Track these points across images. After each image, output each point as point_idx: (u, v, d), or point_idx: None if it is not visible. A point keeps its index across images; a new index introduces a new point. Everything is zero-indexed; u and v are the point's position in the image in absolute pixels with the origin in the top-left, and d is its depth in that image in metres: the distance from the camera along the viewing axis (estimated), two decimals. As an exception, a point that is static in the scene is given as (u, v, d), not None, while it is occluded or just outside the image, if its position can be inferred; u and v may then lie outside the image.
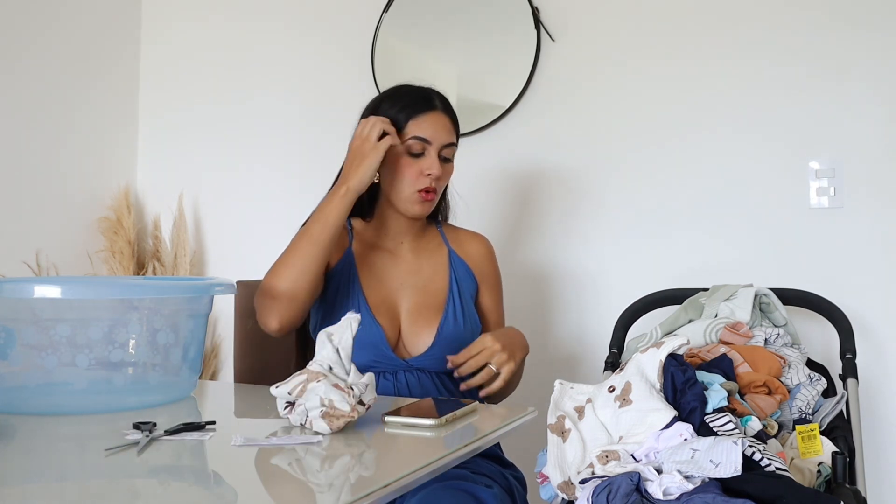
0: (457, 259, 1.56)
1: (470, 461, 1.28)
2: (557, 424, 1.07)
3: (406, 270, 1.51)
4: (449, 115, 1.49)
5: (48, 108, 2.43)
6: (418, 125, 1.44)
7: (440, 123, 1.46)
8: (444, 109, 1.48)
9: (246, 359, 1.64)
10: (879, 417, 1.77)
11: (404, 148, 1.44)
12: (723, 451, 0.91)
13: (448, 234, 1.60)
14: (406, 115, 1.45)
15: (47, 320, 1.09)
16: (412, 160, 1.44)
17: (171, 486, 0.83)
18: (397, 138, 1.41)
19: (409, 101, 1.46)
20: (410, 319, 1.47)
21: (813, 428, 1.19)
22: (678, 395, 1.03)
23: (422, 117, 1.45)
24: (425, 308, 1.48)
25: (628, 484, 0.91)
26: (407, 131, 1.44)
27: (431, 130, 1.45)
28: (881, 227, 1.78)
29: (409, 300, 1.48)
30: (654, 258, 1.98)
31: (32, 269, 2.34)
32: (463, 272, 1.55)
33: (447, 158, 1.48)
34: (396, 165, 1.44)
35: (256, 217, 2.51)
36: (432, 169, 1.44)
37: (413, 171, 1.44)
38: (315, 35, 2.45)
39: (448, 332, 1.46)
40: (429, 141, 1.44)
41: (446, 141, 1.46)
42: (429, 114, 1.46)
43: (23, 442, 0.96)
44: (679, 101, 1.97)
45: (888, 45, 1.78)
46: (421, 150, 1.44)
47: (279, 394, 1.02)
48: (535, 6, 2.11)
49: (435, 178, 1.44)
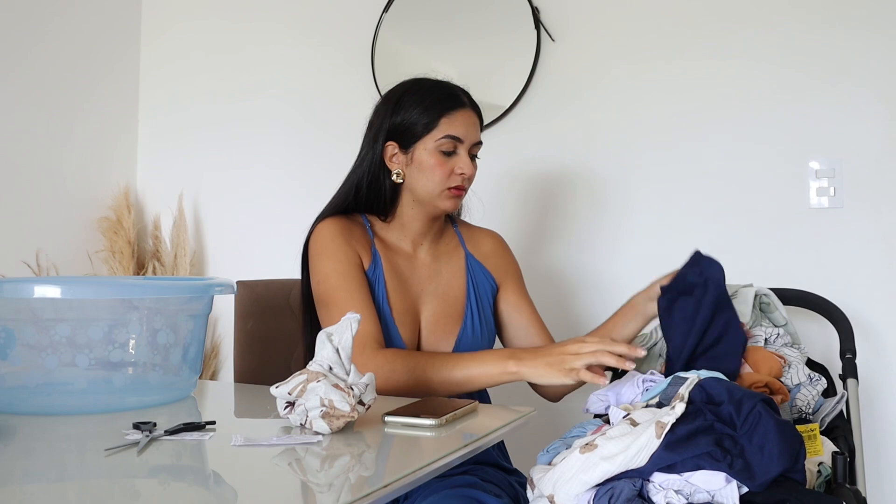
0: (474, 262, 1.52)
1: (478, 469, 1.28)
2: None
3: (426, 276, 1.47)
4: (476, 112, 1.45)
5: (48, 109, 2.43)
6: (451, 123, 1.39)
7: (471, 122, 1.42)
8: (471, 106, 1.44)
9: (246, 359, 1.64)
10: (879, 417, 1.77)
11: (436, 146, 1.39)
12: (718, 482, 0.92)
13: (464, 234, 1.56)
14: (438, 112, 1.39)
15: (47, 320, 1.08)
16: (444, 158, 1.39)
17: (171, 486, 0.83)
18: (602, 378, 1.16)
19: (438, 97, 1.41)
20: (429, 329, 1.43)
21: (813, 428, 1.19)
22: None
23: (454, 115, 1.40)
24: (444, 317, 1.44)
25: (631, 489, 0.91)
26: (439, 129, 1.39)
27: (464, 129, 1.40)
28: (881, 227, 1.78)
29: (428, 308, 1.44)
30: (653, 258, 1.98)
31: (32, 269, 2.34)
32: (481, 276, 1.51)
33: (475, 156, 1.45)
34: (428, 165, 1.39)
35: (256, 217, 2.51)
36: (465, 168, 1.40)
37: (445, 170, 1.39)
38: (315, 35, 2.45)
39: (466, 342, 1.43)
40: (461, 140, 1.40)
41: (477, 139, 1.43)
42: (460, 111, 1.41)
43: (23, 442, 0.96)
44: (679, 101, 1.97)
45: (888, 45, 1.78)
46: (453, 148, 1.40)
47: (279, 394, 1.02)
48: (535, 6, 2.11)
49: (468, 177, 1.41)
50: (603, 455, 0.93)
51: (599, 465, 0.93)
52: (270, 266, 2.26)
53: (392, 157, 1.42)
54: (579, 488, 0.93)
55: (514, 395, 2.05)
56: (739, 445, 0.94)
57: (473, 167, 1.43)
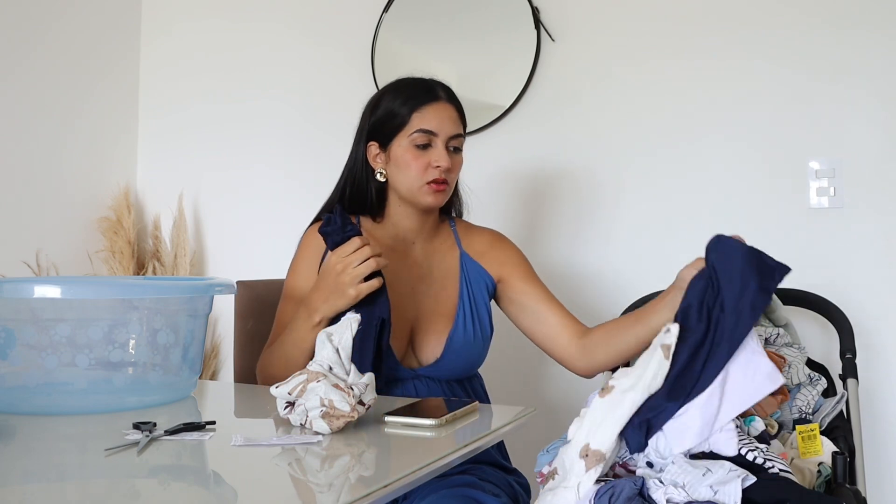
0: (469, 260, 1.49)
1: (476, 468, 1.27)
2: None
3: (417, 275, 1.45)
4: (454, 105, 1.44)
5: (48, 109, 2.43)
6: (423, 117, 1.39)
7: (445, 114, 1.41)
8: (448, 99, 1.43)
9: (246, 359, 1.64)
10: (879, 417, 1.77)
11: (410, 141, 1.39)
12: (723, 480, 0.92)
13: (461, 233, 1.53)
14: (410, 108, 1.40)
15: (47, 320, 1.08)
16: (419, 153, 1.39)
17: (171, 486, 0.83)
18: (382, 280, 1.26)
19: (412, 93, 1.41)
20: (421, 328, 1.42)
21: (813, 428, 1.19)
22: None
23: (426, 109, 1.40)
24: (436, 316, 1.43)
25: (631, 488, 0.92)
26: (412, 124, 1.39)
27: (437, 121, 1.39)
28: (881, 227, 1.78)
29: (419, 308, 1.43)
30: (652, 258, 1.98)
31: (32, 269, 2.34)
32: (475, 274, 1.48)
33: (457, 149, 1.43)
34: (403, 160, 1.39)
35: (256, 217, 2.51)
36: (441, 161, 1.38)
37: (421, 164, 1.38)
38: (315, 35, 2.45)
39: (458, 342, 1.41)
40: (435, 132, 1.39)
41: (453, 132, 1.41)
42: (433, 104, 1.40)
43: (23, 442, 0.96)
44: (679, 101, 1.97)
45: (888, 45, 1.78)
46: (427, 141, 1.39)
47: (279, 394, 1.02)
48: (535, 6, 2.11)
49: (444, 169, 1.39)
50: (623, 388, 0.97)
51: (626, 397, 0.96)
52: (270, 266, 2.25)
53: (375, 156, 1.44)
54: (614, 426, 0.96)
55: (514, 395, 2.05)
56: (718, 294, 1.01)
57: (453, 160, 1.41)
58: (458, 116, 1.44)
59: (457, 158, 1.43)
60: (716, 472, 0.92)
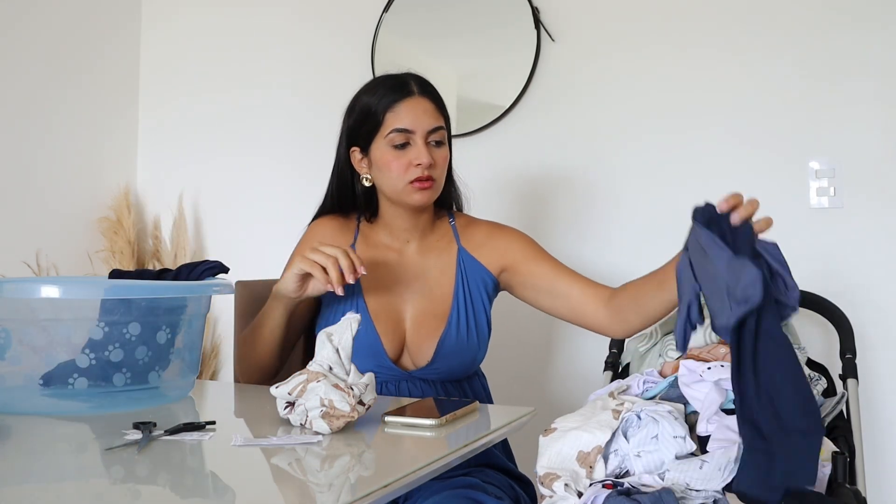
0: (466, 256, 1.45)
1: (479, 471, 1.27)
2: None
3: (412, 274, 1.43)
4: (429, 97, 1.38)
5: (48, 108, 2.43)
6: (396, 115, 1.34)
7: (420, 108, 1.35)
8: (422, 93, 1.37)
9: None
10: (879, 417, 1.77)
11: (387, 143, 1.35)
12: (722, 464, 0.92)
13: (460, 228, 1.48)
14: (383, 108, 1.35)
15: (47, 320, 1.08)
16: (399, 153, 1.34)
17: (171, 486, 0.83)
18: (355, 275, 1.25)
19: (383, 92, 1.36)
20: (414, 329, 1.40)
21: (813, 428, 1.19)
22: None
23: (399, 106, 1.35)
24: (429, 316, 1.40)
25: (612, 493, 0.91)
26: (386, 124, 1.35)
27: (411, 118, 1.34)
28: (881, 227, 1.78)
29: (413, 307, 1.41)
30: (652, 257, 1.97)
31: (32, 269, 2.34)
32: (472, 270, 1.44)
33: (439, 142, 1.37)
34: (384, 162, 1.36)
35: (256, 217, 2.51)
36: (421, 158, 1.33)
37: (401, 164, 1.34)
38: (315, 35, 2.45)
39: (450, 344, 1.38)
40: (411, 130, 1.34)
41: (430, 126, 1.35)
42: (406, 101, 1.35)
43: (23, 442, 0.96)
44: (679, 101, 1.97)
45: (888, 45, 1.78)
46: (405, 140, 1.34)
47: (279, 394, 1.02)
48: (535, 6, 2.11)
49: (426, 166, 1.33)
50: (565, 429, 1.02)
51: (569, 434, 1.01)
52: (270, 266, 2.25)
53: (360, 161, 1.42)
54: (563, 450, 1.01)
55: (514, 395, 2.05)
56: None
57: (436, 154, 1.36)
58: (435, 108, 1.38)
59: (439, 152, 1.37)
60: (710, 460, 0.92)
